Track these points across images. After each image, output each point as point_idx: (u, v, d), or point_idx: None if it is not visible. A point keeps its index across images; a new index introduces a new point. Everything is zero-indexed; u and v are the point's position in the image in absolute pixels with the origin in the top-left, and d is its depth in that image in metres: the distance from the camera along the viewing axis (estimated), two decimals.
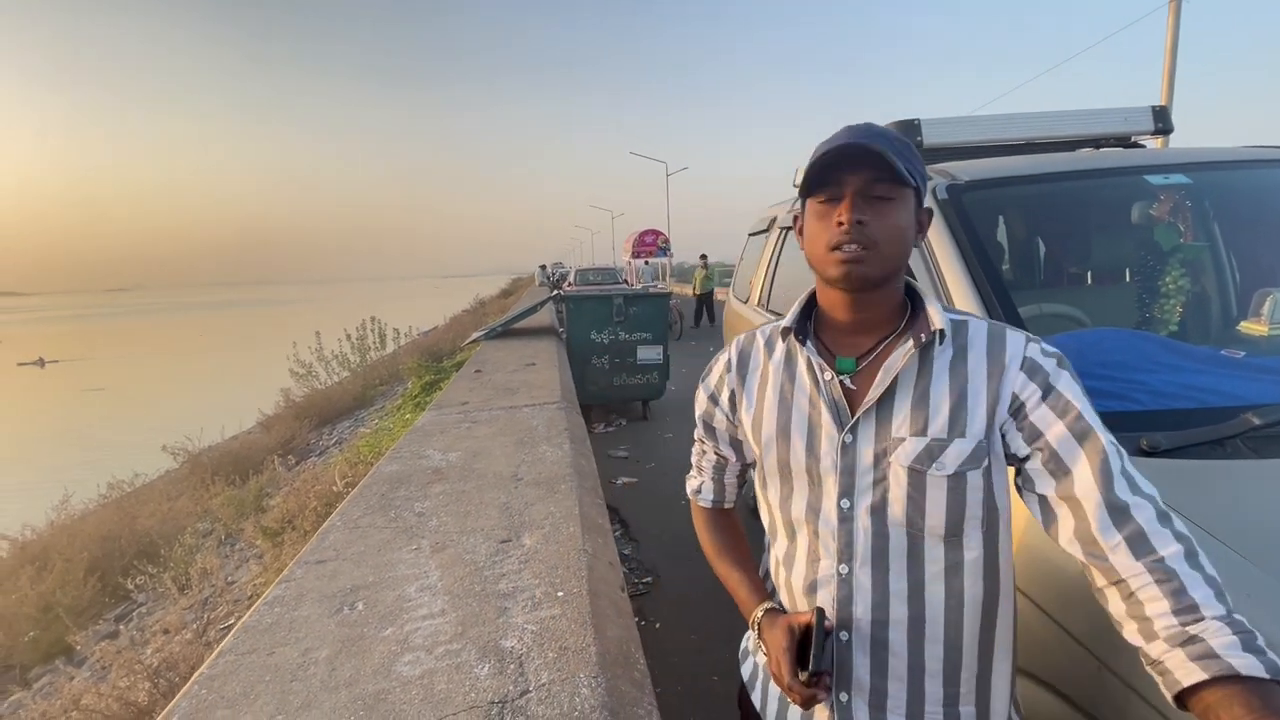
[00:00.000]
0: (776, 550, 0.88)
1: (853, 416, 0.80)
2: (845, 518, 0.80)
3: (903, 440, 0.77)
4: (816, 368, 0.82)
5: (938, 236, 1.62)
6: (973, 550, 0.77)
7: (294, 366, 11.07)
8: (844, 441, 0.79)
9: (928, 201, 1.72)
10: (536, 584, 1.46)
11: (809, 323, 0.87)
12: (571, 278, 17.70)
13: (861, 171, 0.76)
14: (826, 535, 0.81)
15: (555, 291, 10.25)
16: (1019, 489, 0.79)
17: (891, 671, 0.79)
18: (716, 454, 0.97)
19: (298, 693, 1.15)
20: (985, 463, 0.76)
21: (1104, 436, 0.72)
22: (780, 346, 0.88)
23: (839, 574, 0.80)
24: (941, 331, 0.78)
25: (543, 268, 26.63)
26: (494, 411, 3.20)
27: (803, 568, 0.83)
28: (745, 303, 3.68)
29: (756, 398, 0.88)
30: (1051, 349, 0.79)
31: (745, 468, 0.98)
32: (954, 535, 0.77)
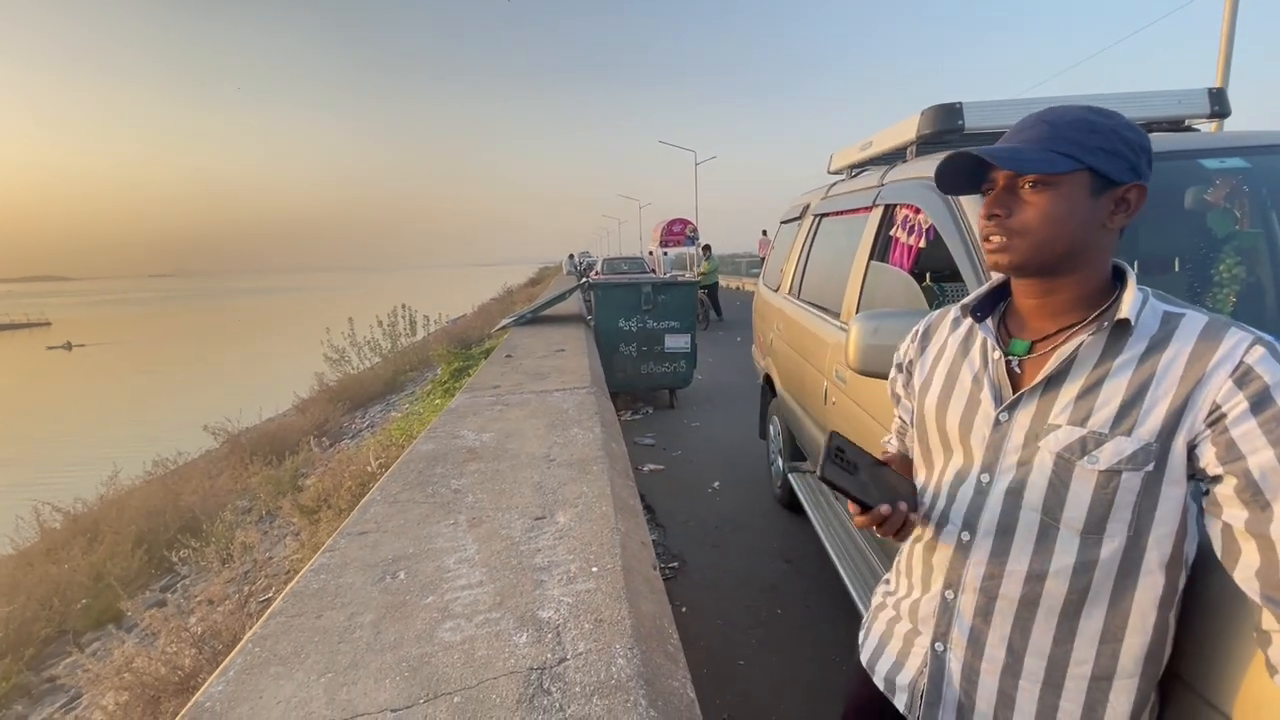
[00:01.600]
0: (924, 510, 0.93)
1: (1014, 396, 0.81)
2: (980, 490, 0.82)
3: (1058, 427, 0.76)
4: (988, 346, 0.85)
5: (978, 220, 1.59)
6: (1111, 553, 0.74)
7: (328, 351, 11.35)
8: (998, 419, 0.81)
9: None
10: (571, 559, 1.49)
11: (1000, 305, 0.90)
12: (599, 266, 17.72)
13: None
14: (961, 501, 0.84)
15: (583, 280, 10.29)
16: (1201, 509, 0.72)
17: (990, 642, 0.81)
18: (901, 419, 1.03)
19: (345, 653, 1.20)
20: (1150, 467, 0.71)
21: None
22: (964, 324, 0.92)
23: (959, 539, 0.83)
24: (1125, 321, 0.74)
25: (571, 257, 26.79)
26: (525, 395, 3.25)
27: (932, 527, 0.88)
28: (776, 291, 3.66)
29: (930, 367, 0.93)
30: None
31: None
32: (1093, 532, 0.74)
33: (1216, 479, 0.68)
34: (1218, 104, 2.05)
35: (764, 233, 18.37)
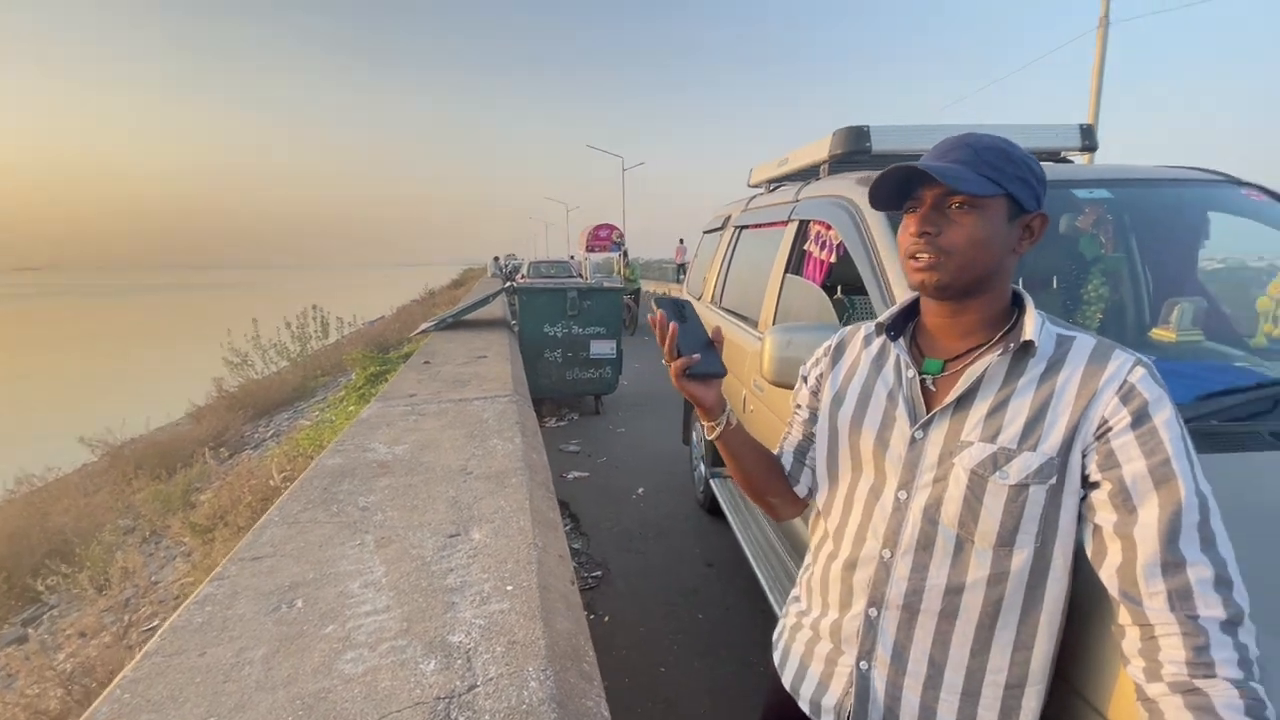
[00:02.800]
0: (828, 524, 0.93)
1: (928, 415, 0.83)
2: (898, 508, 0.83)
3: (970, 444, 0.78)
4: (902, 365, 0.87)
5: (883, 238, 1.68)
6: (1020, 564, 0.77)
7: (228, 355, 10.55)
8: (913, 437, 0.83)
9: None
10: (485, 578, 1.45)
11: (910, 323, 0.92)
12: (525, 270, 17.45)
13: (937, 184, 0.79)
14: (879, 520, 0.85)
15: (508, 283, 10.09)
16: (1080, 513, 0.76)
17: (912, 657, 0.82)
18: (802, 434, 1.01)
19: (231, 694, 1.10)
20: (1054, 480, 0.75)
21: (1188, 486, 0.69)
22: (877, 341, 0.93)
23: (881, 557, 0.84)
24: (1030, 343, 0.78)
25: (496, 259, 26.20)
26: (443, 404, 3.14)
27: (849, 545, 0.88)
28: (699, 299, 3.73)
29: (843, 383, 0.94)
30: (1159, 379, 0.74)
31: None
32: (1004, 545, 0.77)
33: (1095, 485, 0.74)
34: (1088, 139, 2.27)
35: (681, 241, 18.68)
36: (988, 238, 0.78)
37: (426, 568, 1.50)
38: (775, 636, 1.04)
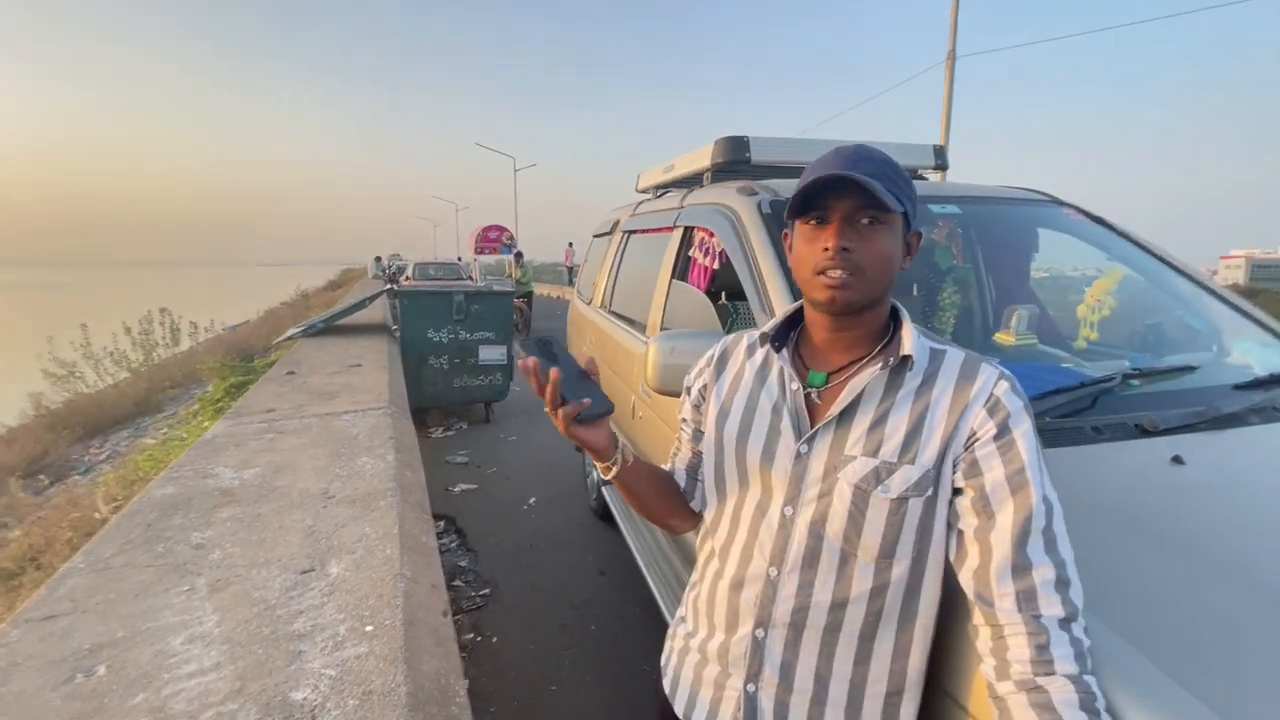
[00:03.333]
0: (715, 541, 0.91)
1: (812, 429, 0.81)
2: (784, 524, 0.82)
3: (853, 459, 0.78)
4: (786, 377, 0.85)
5: (761, 246, 1.70)
6: (900, 574, 0.78)
7: (49, 366, 9.10)
8: (799, 451, 0.82)
9: (751, 215, 1.81)
10: (341, 619, 1.29)
11: (792, 333, 0.90)
12: (410, 271, 16.55)
13: (848, 197, 0.76)
14: (765, 537, 0.83)
15: (389, 286, 9.50)
16: (948, 520, 0.79)
17: (799, 674, 0.81)
18: (691, 450, 0.98)
19: None
20: (930, 492, 0.77)
21: (1038, 493, 0.73)
22: (760, 352, 0.91)
23: (768, 575, 0.82)
24: (908, 357, 0.79)
25: (378, 259, 24.65)
26: (306, 419, 2.84)
27: (735, 562, 0.86)
28: (590, 304, 3.67)
29: (726, 395, 0.91)
30: (1020, 391, 0.78)
31: None
32: (885, 558, 0.78)
33: (959, 492, 0.77)
34: (940, 158, 2.47)
35: (570, 244, 18.62)
36: (892, 254, 0.79)
37: (270, 612, 1.31)
38: (664, 660, 1.00)
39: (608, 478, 0.89)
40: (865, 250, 0.77)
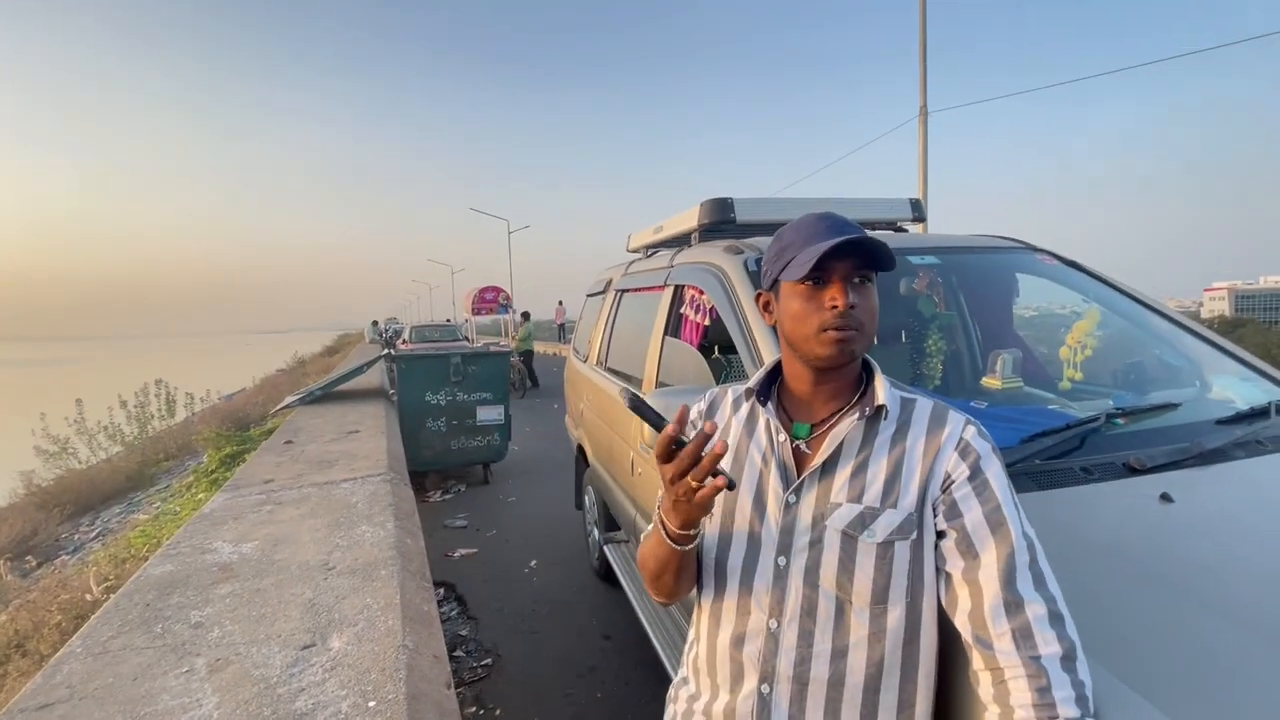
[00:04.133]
0: (704, 600, 0.91)
1: (798, 479, 0.84)
2: (780, 575, 0.83)
3: (839, 505, 0.81)
4: (773, 429, 0.87)
5: (749, 302, 1.77)
6: (895, 620, 0.79)
7: (41, 443, 9.02)
8: (787, 501, 0.84)
9: (738, 272, 1.89)
10: (343, 695, 1.27)
11: (773, 387, 0.93)
12: (406, 335, 16.68)
13: (847, 259, 0.81)
14: (760, 589, 0.84)
15: (386, 350, 9.58)
16: (936, 565, 0.81)
17: None
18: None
19: None
20: (914, 535, 0.79)
21: (1016, 530, 0.76)
22: (745, 406, 0.93)
23: (768, 628, 0.83)
24: (883, 407, 0.83)
25: (375, 324, 24.88)
26: (305, 489, 2.83)
27: (733, 619, 0.86)
28: (585, 361, 3.72)
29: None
30: (987, 435, 0.83)
31: None
32: (879, 603, 0.79)
33: (942, 535, 0.79)
34: (917, 211, 2.58)
35: (560, 303, 18.92)
36: (877, 308, 0.84)
37: (271, 691, 1.29)
38: (668, 699, 0.99)
39: (686, 546, 0.83)
40: (864, 307, 0.82)
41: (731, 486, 0.75)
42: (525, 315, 13.32)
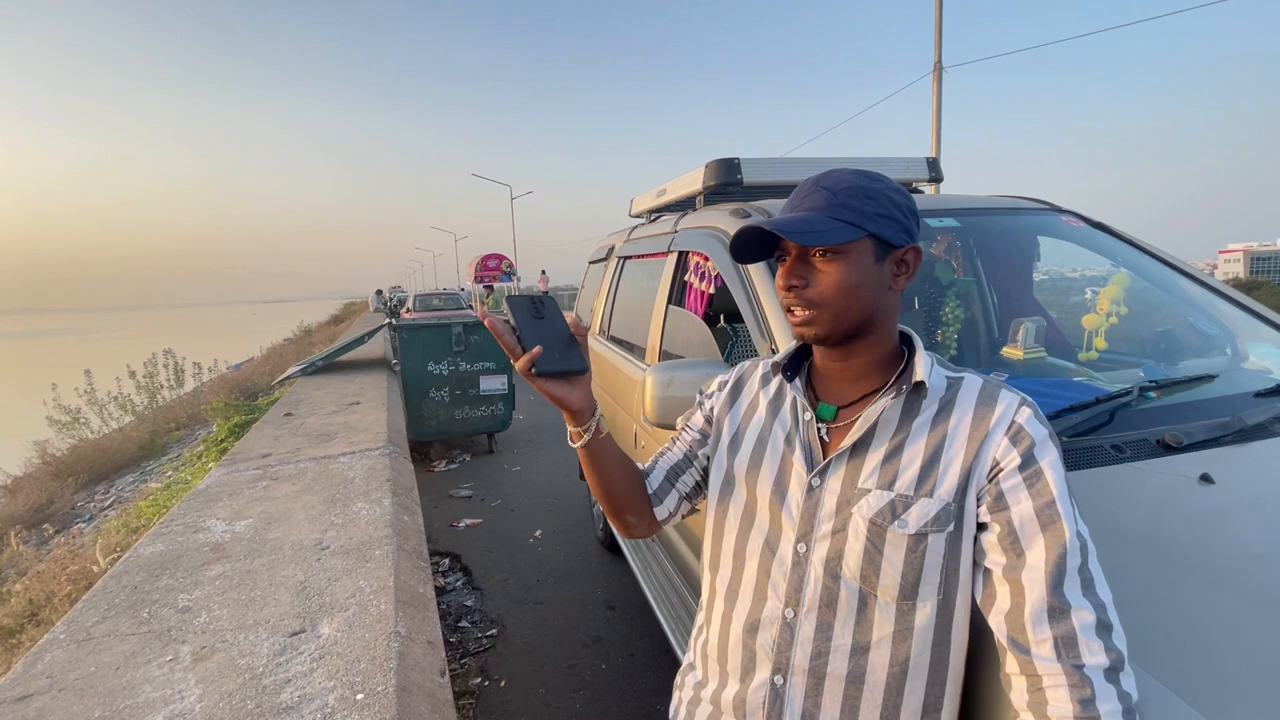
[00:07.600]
0: (718, 580, 0.86)
1: (824, 461, 0.78)
2: (799, 561, 0.78)
3: (868, 492, 0.75)
4: (799, 407, 0.83)
5: (756, 269, 1.66)
6: (925, 618, 0.73)
7: (53, 413, 9.11)
8: (810, 484, 0.78)
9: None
10: (331, 687, 1.22)
11: (805, 363, 0.88)
12: (411, 303, 16.58)
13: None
14: (778, 575, 0.79)
15: (389, 320, 9.51)
16: (974, 558, 0.75)
17: None
18: (682, 454, 0.95)
19: None
20: (952, 527, 0.72)
21: (1070, 529, 0.68)
22: (774, 381, 0.89)
23: (784, 617, 0.77)
24: (921, 384, 0.76)
25: (379, 293, 24.81)
26: (302, 464, 2.79)
27: (748, 604, 0.81)
28: (588, 331, 3.63)
29: (742, 424, 0.89)
30: (1044, 419, 0.73)
31: (697, 486, 0.96)
32: (907, 599, 0.73)
33: (984, 527, 0.72)
34: (934, 171, 2.42)
35: (543, 272, 18.80)
36: (857, 283, 0.75)
37: (257, 682, 1.24)
38: (672, 712, 0.93)
39: (575, 444, 0.86)
40: (820, 285, 0.75)
41: (562, 371, 0.79)
42: (489, 288, 13.02)
